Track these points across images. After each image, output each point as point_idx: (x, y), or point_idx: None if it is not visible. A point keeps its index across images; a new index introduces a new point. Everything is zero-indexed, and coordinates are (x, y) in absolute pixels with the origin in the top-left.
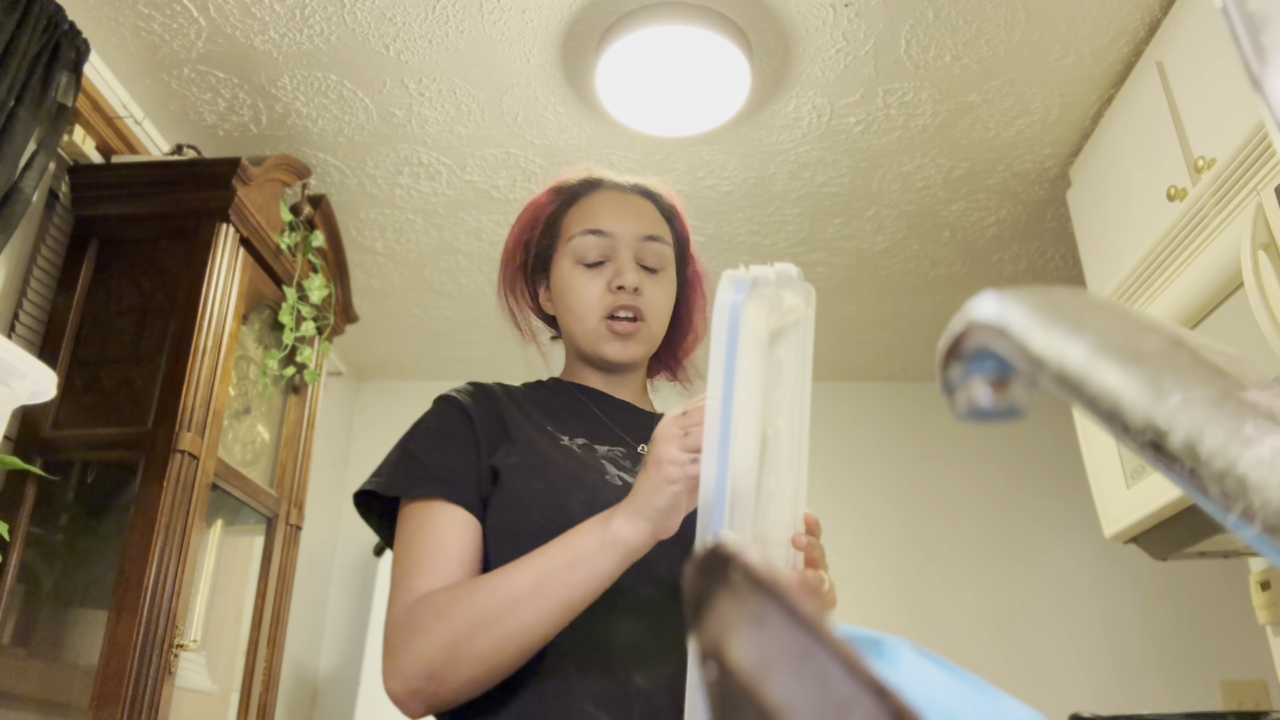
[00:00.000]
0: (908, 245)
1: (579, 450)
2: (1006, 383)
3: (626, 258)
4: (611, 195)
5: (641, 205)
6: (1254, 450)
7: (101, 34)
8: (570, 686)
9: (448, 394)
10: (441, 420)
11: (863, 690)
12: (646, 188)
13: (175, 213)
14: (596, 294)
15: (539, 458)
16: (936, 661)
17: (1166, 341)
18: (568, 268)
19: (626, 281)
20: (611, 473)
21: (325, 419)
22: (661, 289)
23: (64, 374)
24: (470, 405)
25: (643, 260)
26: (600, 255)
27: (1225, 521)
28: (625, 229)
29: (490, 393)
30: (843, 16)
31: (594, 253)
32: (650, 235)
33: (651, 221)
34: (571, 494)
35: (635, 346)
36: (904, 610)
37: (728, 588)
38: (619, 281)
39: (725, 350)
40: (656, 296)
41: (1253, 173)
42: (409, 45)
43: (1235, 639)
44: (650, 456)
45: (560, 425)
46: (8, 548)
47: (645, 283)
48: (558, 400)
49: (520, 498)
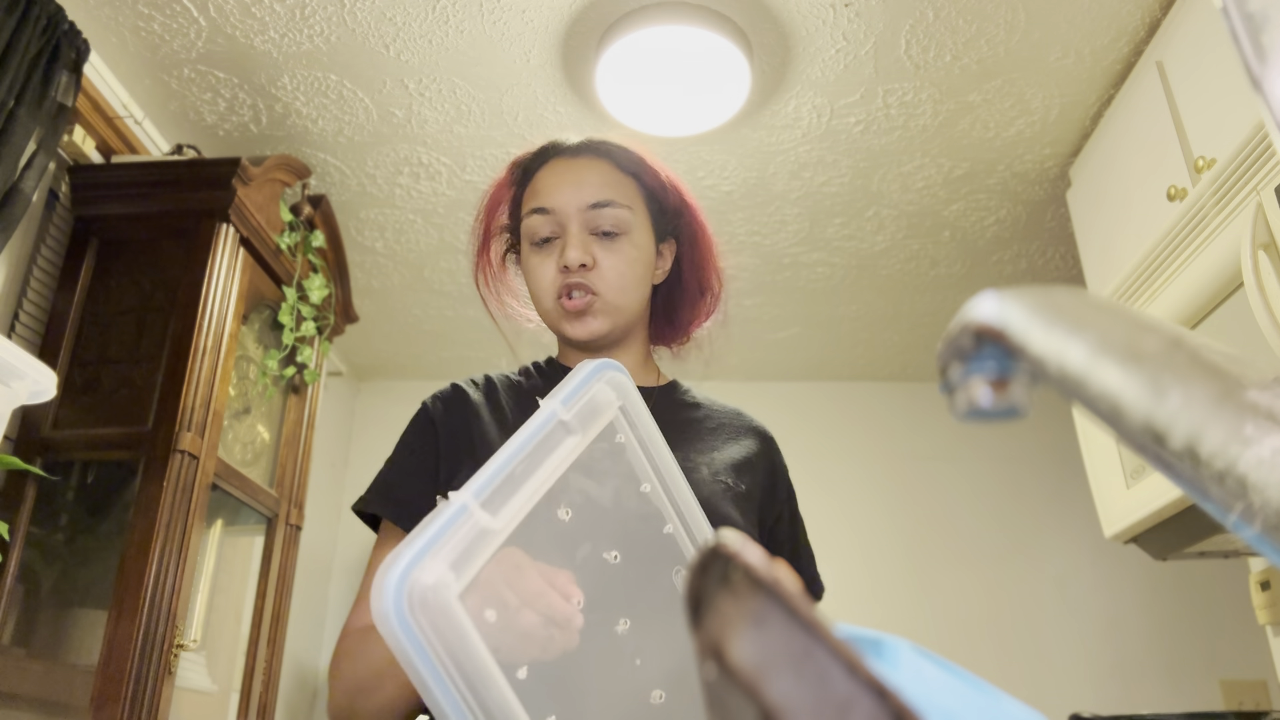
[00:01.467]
0: (908, 245)
1: None
2: (1006, 383)
3: (575, 231)
4: (557, 166)
5: (590, 169)
6: (1254, 450)
7: (101, 34)
8: None
9: (425, 401)
10: (409, 436)
11: (863, 690)
12: (600, 145)
13: (175, 213)
14: (550, 275)
15: None
16: (936, 661)
17: (1166, 341)
18: (526, 250)
19: (568, 260)
20: None
21: (325, 419)
22: (620, 255)
23: (64, 374)
24: (440, 418)
25: (596, 228)
26: (550, 232)
27: (1225, 521)
28: (567, 200)
29: (465, 399)
30: (843, 16)
31: (543, 230)
32: (597, 202)
33: (599, 186)
34: None
35: (593, 322)
36: (904, 610)
37: (728, 588)
38: (562, 260)
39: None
40: (613, 264)
41: (1253, 173)
42: (409, 45)
43: (1235, 639)
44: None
45: None
46: (8, 548)
47: (600, 252)
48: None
49: None
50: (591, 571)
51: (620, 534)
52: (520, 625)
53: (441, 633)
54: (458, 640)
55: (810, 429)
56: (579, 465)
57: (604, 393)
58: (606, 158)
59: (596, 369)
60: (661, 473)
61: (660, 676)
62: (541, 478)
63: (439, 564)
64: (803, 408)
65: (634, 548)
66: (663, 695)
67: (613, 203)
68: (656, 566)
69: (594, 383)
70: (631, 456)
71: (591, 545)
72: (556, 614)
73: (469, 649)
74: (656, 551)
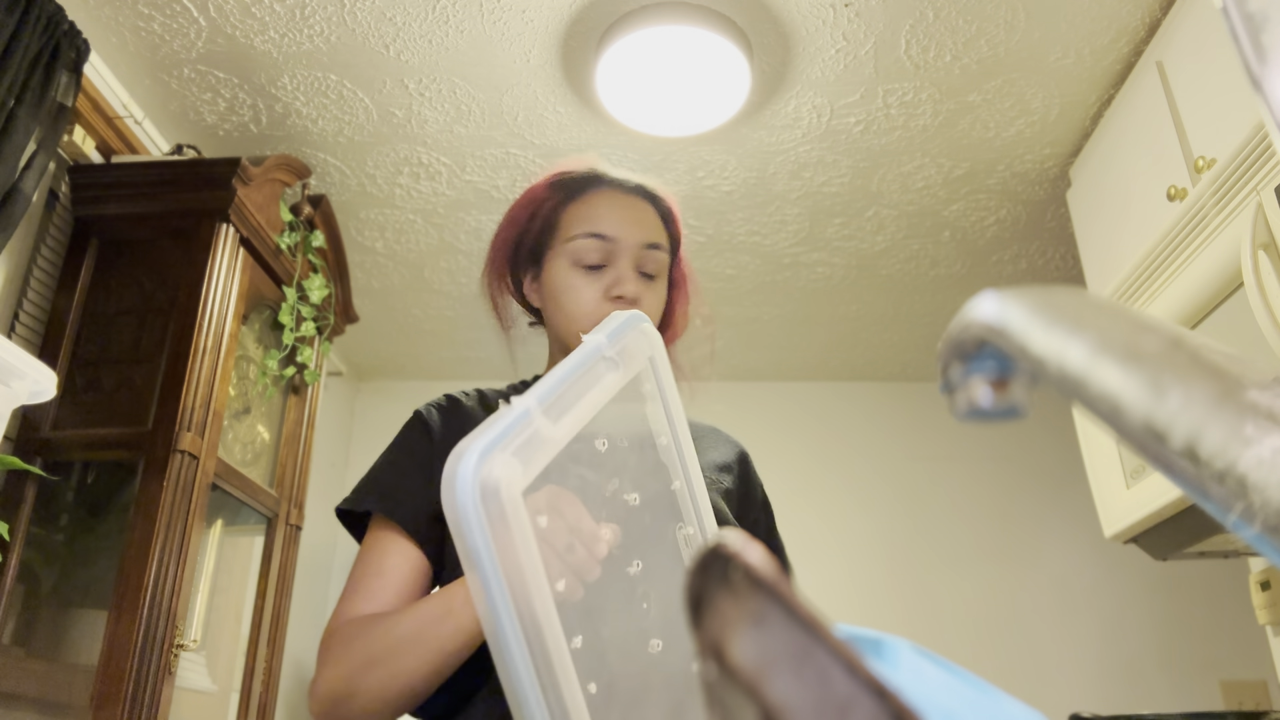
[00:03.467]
0: (908, 245)
1: None
2: (1006, 383)
3: (627, 265)
4: (614, 197)
5: (643, 209)
6: (1254, 450)
7: (101, 34)
8: None
9: (419, 410)
10: (405, 438)
11: (863, 690)
12: (648, 190)
13: (175, 213)
14: (594, 299)
15: None
16: (936, 661)
17: (1166, 341)
18: (564, 267)
19: (627, 292)
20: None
21: (325, 419)
22: (656, 295)
23: (64, 374)
24: (436, 424)
25: (643, 268)
26: (600, 259)
27: (1225, 521)
28: (628, 235)
29: (460, 407)
30: (843, 16)
31: (594, 256)
32: (652, 243)
33: (653, 228)
34: None
35: None
36: (904, 610)
37: (728, 587)
38: (619, 291)
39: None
40: (652, 304)
41: (1253, 173)
42: (409, 45)
43: (1235, 639)
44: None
45: None
46: (8, 548)
47: (643, 291)
48: None
49: None
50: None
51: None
52: (559, 541)
53: (506, 526)
54: (518, 539)
55: (810, 429)
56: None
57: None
58: (651, 203)
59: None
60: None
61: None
62: (586, 405)
63: (509, 458)
64: (803, 408)
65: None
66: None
67: (660, 246)
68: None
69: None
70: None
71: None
72: (590, 537)
73: (527, 549)
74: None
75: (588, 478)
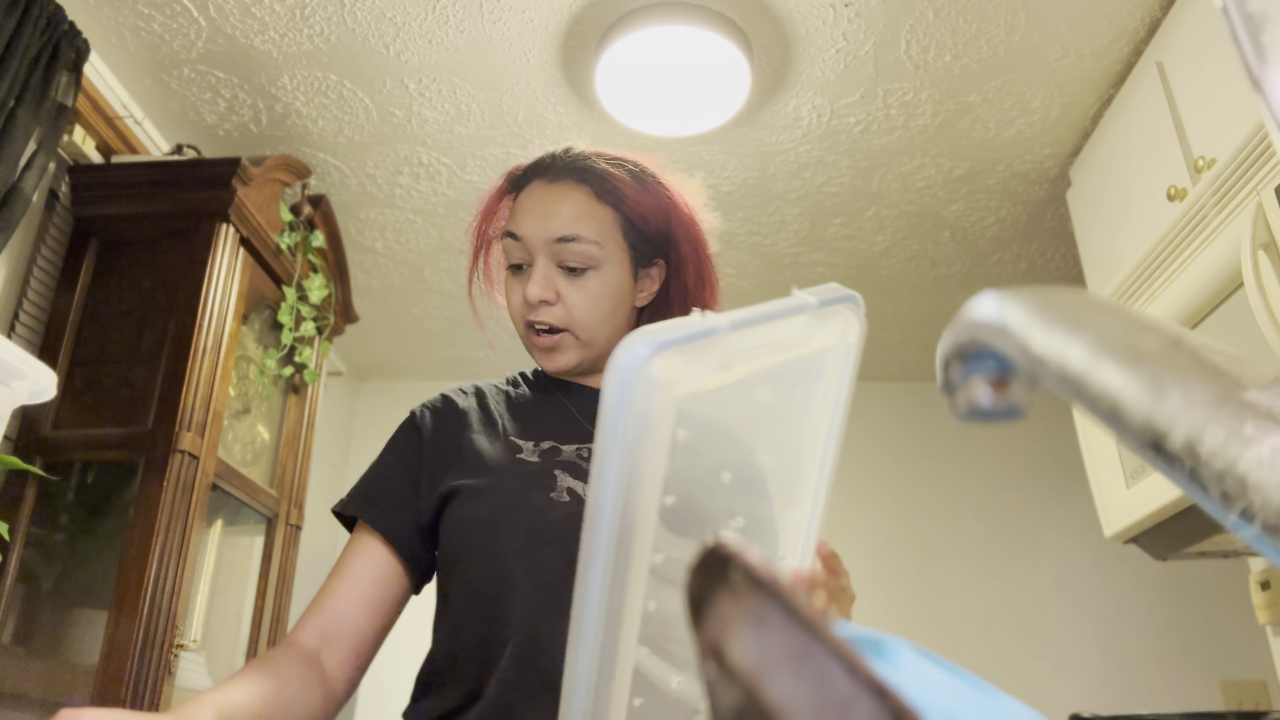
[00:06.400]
0: (908, 245)
1: (536, 460)
2: (1006, 383)
3: (540, 264)
4: (535, 191)
5: (564, 199)
6: (1254, 450)
7: (101, 34)
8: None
9: (413, 411)
10: (396, 441)
11: (863, 690)
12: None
13: (175, 213)
14: (518, 301)
15: (488, 478)
16: (936, 661)
17: (1166, 341)
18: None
19: (528, 295)
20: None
21: (325, 419)
22: (585, 291)
23: (64, 374)
24: (428, 426)
25: (563, 261)
26: (519, 258)
27: (1225, 521)
28: (535, 231)
29: (455, 408)
30: (843, 16)
31: (515, 254)
32: (564, 236)
33: (569, 219)
34: (515, 517)
35: (561, 357)
36: (904, 610)
37: (728, 587)
38: (524, 294)
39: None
40: (578, 300)
41: (1253, 173)
42: (409, 45)
43: (1235, 639)
44: None
45: (527, 428)
46: (8, 548)
47: (565, 287)
48: (532, 396)
49: (465, 522)
50: (738, 468)
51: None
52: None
53: (648, 427)
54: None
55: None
56: (789, 366)
57: (848, 320)
58: (584, 184)
59: (851, 297)
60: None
61: None
62: (767, 355)
63: (677, 361)
64: None
65: (741, 481)
66: None
67: (579, 238)
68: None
69: (844, 305)
70: (815, 401)
71: (744, 447)
72: None
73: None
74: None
75: (727, 426)
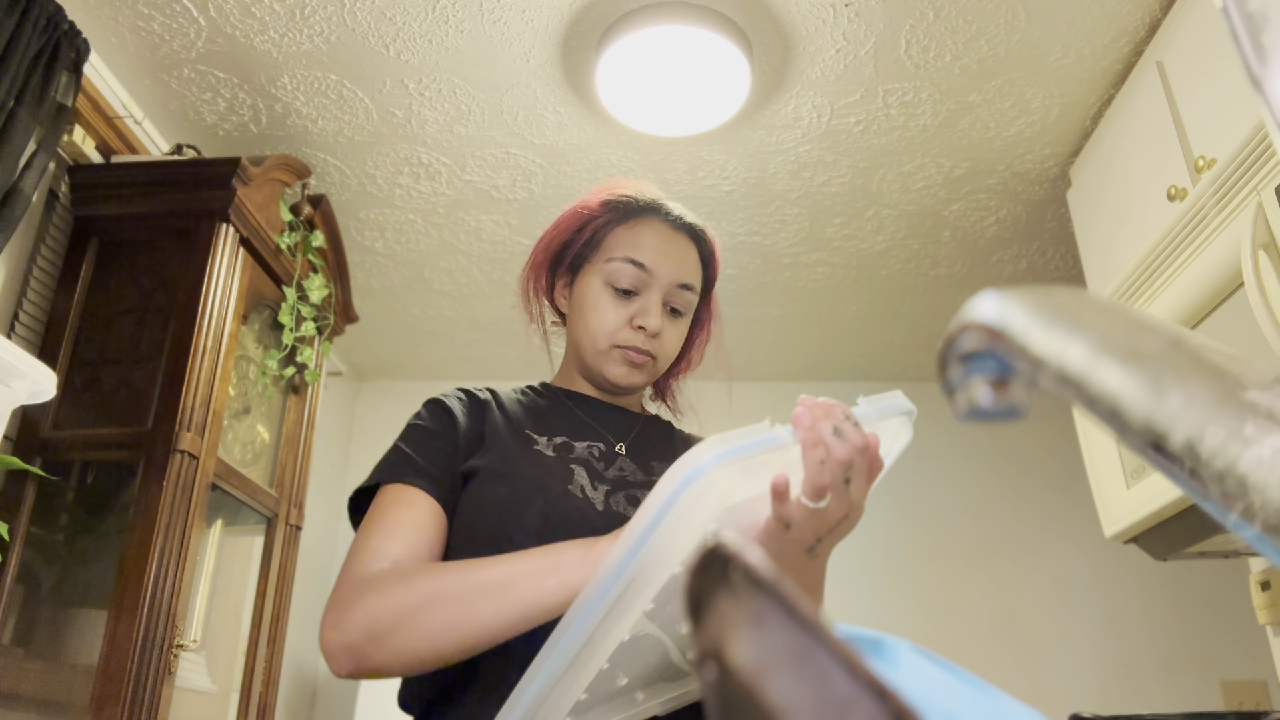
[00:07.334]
0: (908, 245)
1: (552, 454)
2: (1006, 383)
3: (656, 299)
4: (661, 230)
5: (686, 248)
6: (1254, 450)
7: (101, 34)
8: None
9: (437, 397)
10: (429, 419)
11: (863, 690)
12: (696, 229)
13: (175, 213)
14: (616, 322)
15: (507, 464)
16: (937, 661)
17: (1166, 341)
18: (597, 285)
19: (649, 325)
20: (576, 482)
21: (325, 419)
22: (678, 333)
23: (64, 374)
24: (457, 408)
25: (670, 303)
26: (632, 285)
27: (1225, 521)
28: (664, 270)
29: (476, 399)
30: (843, 16)
31: (627, 281)
32: (685, 283)
33: (691, 269)
34: (532, 502)
35: (639, 376)
36: (904, 610)
37: (728, 588)
38: (642, 321)
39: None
40: (671, 339)
41: (1253, 173)
42: (409, 45)
43: (1235, 639)
44: None
45: (540, 426)
46: (8, 548)
47: (666, 326)
48: (543, 403)
49: (481, 502)
50: None
51: None
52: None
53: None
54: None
55: None
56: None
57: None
58: (696, 243)
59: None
60: None
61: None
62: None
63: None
64: None
65: None
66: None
67: (691, 287)
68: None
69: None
70: None
71: None
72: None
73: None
74: None
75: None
